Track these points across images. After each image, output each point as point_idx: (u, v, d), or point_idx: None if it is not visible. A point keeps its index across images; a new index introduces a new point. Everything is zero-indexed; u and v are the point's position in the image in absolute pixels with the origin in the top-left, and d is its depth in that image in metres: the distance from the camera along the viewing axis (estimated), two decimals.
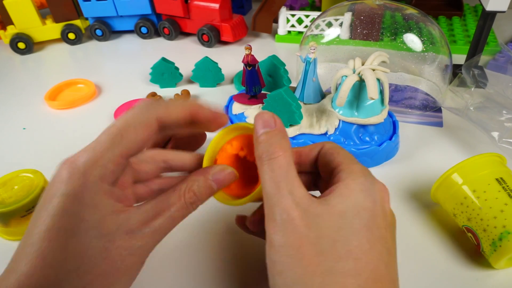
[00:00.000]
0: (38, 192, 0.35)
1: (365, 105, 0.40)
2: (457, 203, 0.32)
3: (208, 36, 0.68)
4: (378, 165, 0.42)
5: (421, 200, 0.38)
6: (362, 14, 0.52)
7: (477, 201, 0.31)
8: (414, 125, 0.47)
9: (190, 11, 0.68)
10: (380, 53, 0.40)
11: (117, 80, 0.61)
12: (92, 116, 0.53)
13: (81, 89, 0.59)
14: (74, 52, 0.72)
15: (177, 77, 0.57)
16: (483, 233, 0.30)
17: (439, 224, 0.35)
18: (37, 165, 0.45)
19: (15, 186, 0.36)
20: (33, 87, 0.61)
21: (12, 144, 0.49)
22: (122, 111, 0.51)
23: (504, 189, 0.30)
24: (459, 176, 0.33)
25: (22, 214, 0.35)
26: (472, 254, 0.32)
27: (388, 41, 0.51)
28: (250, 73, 0.45)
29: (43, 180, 0.36)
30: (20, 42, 0.70)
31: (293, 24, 0.68)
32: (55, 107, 0.55)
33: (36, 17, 0.70)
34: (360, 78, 0.39)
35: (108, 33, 0.74)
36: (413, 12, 0.49)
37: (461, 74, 0.49)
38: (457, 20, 0.69)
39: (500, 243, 0.29)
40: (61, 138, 0.50)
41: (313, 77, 0.44)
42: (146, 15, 0.73)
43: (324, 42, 0.53)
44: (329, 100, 0.43)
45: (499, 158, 0.33)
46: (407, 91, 0.51)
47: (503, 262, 0.30)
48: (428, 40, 0.48)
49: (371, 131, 0.41)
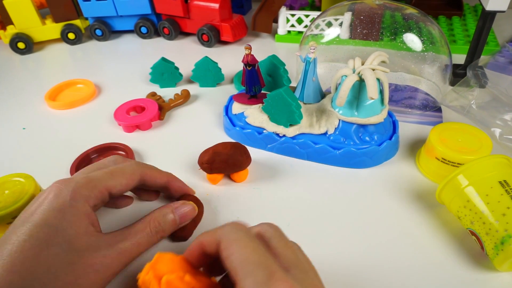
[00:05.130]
0: (26, 199, 0.34)
1: (365, 105, 0.40)
2: (460, 206, 0.32)
3: (208, 36, 0.68)
4: (378, 165, 0.42)
5: (425, 201, 0.37)
6: (362, 14, 0.52)
7: (479, 204, 0.31)
8: (414, 125, 0.47)
9: (190, 11, 0.68)
10: (380, 53, 0.40)
11: (117, 80, 0.61)
12: (92, 116, 0.53)
13: (81, 89, 0.59)
14: (74, 52, 0.72)
15: (177, 77, 0.57)
16: (486, 236, 0.30)
17: (444, 225, 0.35)
18: (36, 165, 0.45)
19: (5, 191, 0.36)
20: (33, 87, 0.61)
21: (12, 144, 0.49)
22: (122, 111, 0.51)
23: (507, 192, 0.30)
24: (465, 178, 0.32)
25: (8, 221, 0.34)
26: (477, 257, 0.32)
27: (388, 41, 0.51)
28: (250, 73, 0.44)
29: (33, 186, 0.36)
30: (20, 42, 0.70)
31: (293, 24, 0.68)
32: (55, 107, 0.55)
33: (36, 17, 0.70)
34: (360, 78, 0.39)
35: (108, 33, 0.74)
36: (413, 12, 0.49)
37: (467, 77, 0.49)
38: (457, 20, 0.69)
39: (502, 246, 0.29)
40: (61, 138, 0.50)
41: (313, 77, 0.44)
42: (146, 15, 0.73)
43: (324, 42, 0.53)
44: (329, 100, 0.43)
45: (506, 160, 0.33)
46: (407, 91, 0.51)
47: (507, 265, 0.29)
48: (428, 40, 0.48)
49: (371, 130, 0.41)
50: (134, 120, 0.49)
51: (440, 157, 0.37)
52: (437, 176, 0.39)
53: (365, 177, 0.40)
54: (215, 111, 0.52)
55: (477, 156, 0.36)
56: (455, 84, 0.52)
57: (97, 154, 0.45)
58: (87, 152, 0.44)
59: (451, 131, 0.39)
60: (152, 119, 0.50)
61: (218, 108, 0.53)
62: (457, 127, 0.40)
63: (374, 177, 0.41)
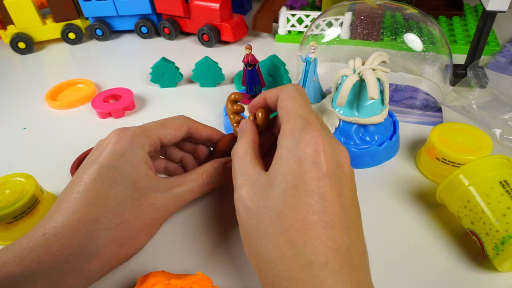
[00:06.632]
0: (26, 199, 0.34)
1: (366, 105, 0.40)
2: (461, 206, 0.32)
3: (208, 36, 0.68)
4: (379, 165, 0.42)
5: (425, 200, 0.37)
6: (363, 14, 0.52)
7: (479, 204, 0.31)
8: (414, 125, 0.47)
9: (191, 11, 0.68)
10: (381, 53, 0.40)
11: (117, 80, 0.61)
12: (92, 116, 0.53)
13: (81, 89, 0.59)
14: (74, 52, 0.72)
15: (177, 77, 0.57)
16: (486, 236, 0.30)
17: (444, 225, 0.35)
18: (36, 165, 0.45)
19: (6, 191, 0.36)
20: (33, 86, 0.61)
21: (12, 143, 0.49)
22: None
23: (508, 193, 0.30)
24: (465, 178, 0.32)
25: (9, 221, 0.34)
26: (477, 257, 0.32)
27: (389, 41, 0.51)
28: (250, 73, 0.45)
29: (34, 186, 0.35)
30: (20, 42, 0.70)
31: (293, 24, 0.68)
32: (56, 107, 0.55)
33: (37, 16, 0.70)
34: (360, 78, 0.39)
35: (108, 33, 0.74)
36: (414, 12, 0.49)
37: (468, 77, 0.49)
38: (457, 20, 0.69)
39: (502, 247, 0.29)
40: (62, 138, 0.50)
41: (313, 77, 0.44)
42: (146, 15, 0.73)
43: (324, 42, 0.53)
44: (330, 100, 0.43)
45: (506, 160, 0.32)
46: (408, 91, 0.51)
47: (507, 265, 0.29)
48: (428, 40, 0.48)
49: (372, 130, 0.41)
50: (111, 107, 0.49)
51: (440, 157, 0.37)
52: (437, 176, 0.39)
53: (365, 177, 0.40)
54: (215, 111, 0.52)
55: (477, 156, 0.36)
56: (455, 84, 0.52)
57: None
58: (87, 152, 0.44)
59: (451, 131, 0.39)
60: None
61: (218, 108, 0.53)
62: (457, 127, 0.40)
63: (375, 177, 0.41)
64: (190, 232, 0.36)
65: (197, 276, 0.29)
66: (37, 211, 0.36)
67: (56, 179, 0.42)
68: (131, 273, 0.32)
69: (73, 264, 0.26)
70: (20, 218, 0.34)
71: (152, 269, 0.32)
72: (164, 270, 0.30)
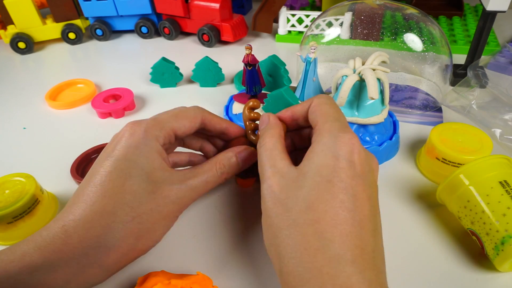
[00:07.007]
0: (27, 199, 0.34)
1: (366, 105, 0.40)
2: (461, 206, 0.32)
3: (208, 36, 0.68)
4: (379, 165, 0.42)
5: (425, 201, 0.37)
6: (363, 14, 0.52)
7: (479, 204, 0.31)
8: (414, 125, 0.47)
9: (191, 10, 0.68)
10: (381, 53, 0.40)
11: (117, 80, 0.61)
12: (93, 116, 0.53)
13: (81, 89, 0.59)
14: (74, 52, 0.72)
15: (177, 77, 0.57)
16: (486, 236, 0.30)
17: (444, 225, 0.35)
18: (36, 165, 0.45)
19: (6, 191, 0.36)
20: (33, 86, 0.61)
21: (12, 143, 0.49)
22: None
23: (508, 193, 0.30)
24: (465, 178, 0.32)
25: (9, 221, 0.34)
26: (478, 257, 0.32)
27: (389, 41, 0.51)
28: (250, 73, 0.45)
29: (34, 186, 0.35)
30: (20, 42, 0.70)
31: (293, 24, 0.68)
32: (56, 107, 0.55)
33: (37, 16, 0.70)
34: (360, 78, 0.39)
35: (108, 33, 0.74)
36: (414, 12, 0.49)
37: (468, 77, 0.49)
38: (457, 20, 0.69)
39: (502, 247, 0.29)
40: (61, 137, 0.50)
41: (314, 77, 0.44)
42: (146, 15, 0.73)
43: (324, 42, 0.53)
44: None
45: (506, 160, 0.32)
46: (408, 91, 0.51)
47: (507, 265, 0.29)
48: (428, 40, 0.48)
49: (372, 130, 0.41)
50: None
51: (440, 157, 0.37)
52: (437, 176, 0.39)
53: None
54: (216, 111, 0.51)
55: (477, 156, 0.36)
56: (455, 84, 0.52)
57: (97, 154, 0.45)
58: (87, 152, 0.44)
59: (451, 131, 0.39)
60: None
61: (218, 108, 0.53)
62: (457, 127, 0.40)
63: None
64: (190, 232, 0.36)
65: (197, 276, 0.29)
66: (37, 211, 0.36)
67: (56, 179, 0.42)
68: (131, 273, 0.32)
69: (91, 256, 0.27)
70: (20, 218, 0.34)
71: (152, 269, 0.32)
72: (164, 270, 0.30)
